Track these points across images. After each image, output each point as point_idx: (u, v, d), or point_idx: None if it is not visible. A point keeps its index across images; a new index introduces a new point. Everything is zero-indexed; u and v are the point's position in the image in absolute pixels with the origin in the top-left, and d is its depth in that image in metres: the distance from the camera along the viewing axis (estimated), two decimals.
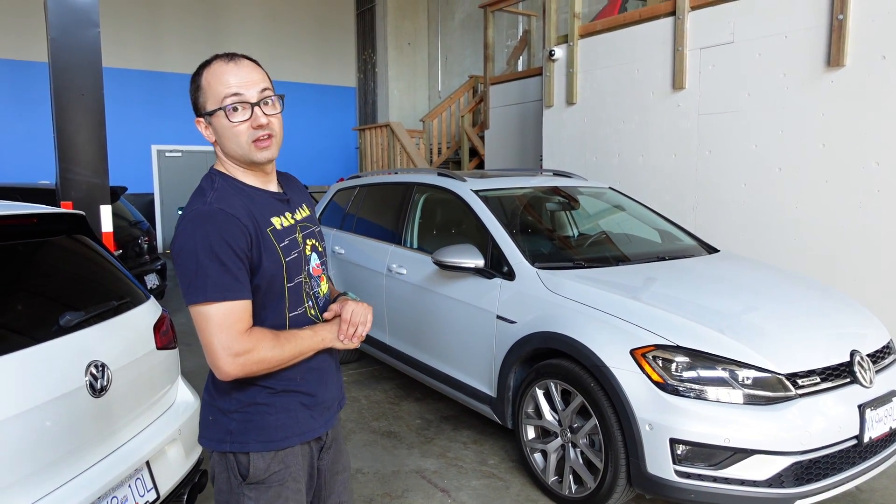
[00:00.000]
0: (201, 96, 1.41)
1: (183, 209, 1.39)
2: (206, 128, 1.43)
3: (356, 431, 3.64)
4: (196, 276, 1.29)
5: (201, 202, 1.36)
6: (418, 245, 3.92)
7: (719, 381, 2.36)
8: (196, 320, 1.32)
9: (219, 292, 1.29)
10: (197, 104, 1.42)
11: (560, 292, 2.85)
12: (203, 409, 1.49)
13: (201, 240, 1.30)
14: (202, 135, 1.45)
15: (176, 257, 1.33)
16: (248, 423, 1.41)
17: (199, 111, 1.42)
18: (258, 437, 1.41)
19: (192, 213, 1.35)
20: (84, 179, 3.57)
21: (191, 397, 2.50)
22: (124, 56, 12.48)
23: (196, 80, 1.42)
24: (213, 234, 1.30)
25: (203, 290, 1.29)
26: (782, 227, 4.48)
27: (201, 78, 1.42)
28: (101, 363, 1.94)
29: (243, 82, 1.39)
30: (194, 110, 1.43)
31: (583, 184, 4.18)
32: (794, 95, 4.37)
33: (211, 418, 1.45)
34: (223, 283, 1.30)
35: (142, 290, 2.48)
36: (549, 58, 6.15)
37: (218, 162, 1.47)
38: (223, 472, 1.43)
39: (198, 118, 1.43)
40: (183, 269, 1.32)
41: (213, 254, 1.29)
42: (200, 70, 1.43)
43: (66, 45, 3.53)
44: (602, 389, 2.54)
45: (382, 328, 4.04)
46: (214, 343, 1.30)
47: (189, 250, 1.30)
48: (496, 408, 3.12)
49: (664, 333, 2.47)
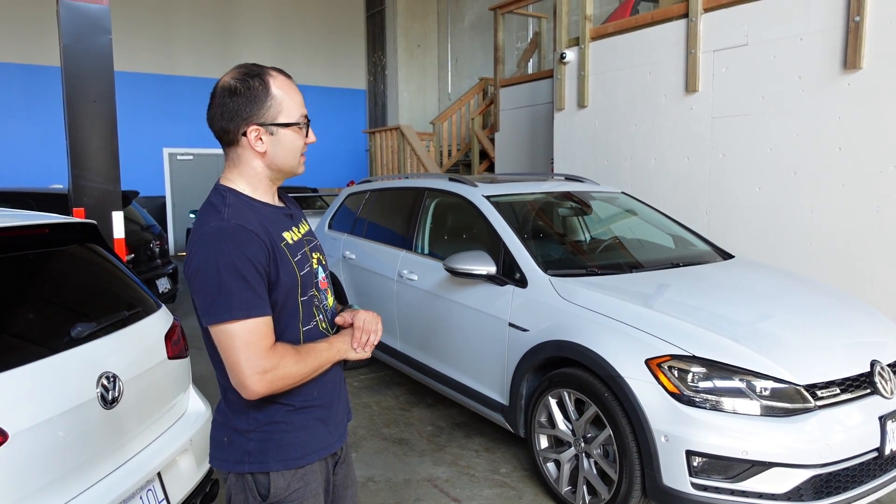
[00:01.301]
0: (274, 106, 1.36)
1: (195, 227, 1.34)
2: (259, 137, 1.36)
3: (367, 438, 3.62)
4: (219, 294, 1.26)
5: (217, 219, 1.31)
6: (429, 251, 3.89)
7: (736, 392, 2.32)
8: (220, 339, 1.28)
9: (244, 310, 1.26)
10: (259, 111, 1.34)
11: (573, 300, 2.82)
12: (216, 429, 1.45)
13: (222, 257, 1.26)
14: (252, 144, 1.36)
15: (195, 276, 1.28)
16: (267, 441, 1.38)
17: (260, 120, 1.35)
18: (278, 456, 1.38)
19: (209, 229, 1.29)
20: (96, 186, 3.59)
21: (202, 406, 2.49)
22: (136, 60, 12.57)
23: (265, 88, 1.35)
24: (234, 250, 1.27)
25: (228, 308, 1.25)
26: (797, 232, 4.42)
27: (272, 87, 1.36)
28: (112, 374, 1.93)
29: (303, 102, 1.44)
30: (240, 116, 1.34)
31: (595, 188, 4.15)
32: (810, 98, 4.31)
33: (226, 439, 1.41)
34: (247, 299, 1.26)
35: (153, 298, 2.48)
36: (561, 60, 6.11)
37: (225, 178, 1.42)
38: (241, 494, 1.40)
39: (256, 125, 1.35)
40: (203, 287, 1.27)
41: (235, 271, 1.26)
42: (265, 79, 1.37)
43: (78, 52, 3.54)
44: (616, 400, 2.50)
45: (393, 334, 4.03)
46: (242, 362, 1.26)
47: (211, 268, 1.26)
48: (508, 416, 3.09)
49: (680, 343, 2.43)
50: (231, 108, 1.34)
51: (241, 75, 1.36)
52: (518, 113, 8.39)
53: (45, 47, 10.87)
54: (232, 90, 1.34)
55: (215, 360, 1.38)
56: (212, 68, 13.28)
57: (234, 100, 1.34)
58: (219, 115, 1.35)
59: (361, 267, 4.36)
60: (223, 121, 1.35)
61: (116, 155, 3.71)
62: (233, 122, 1.34)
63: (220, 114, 1.35)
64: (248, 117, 1.34)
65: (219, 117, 1.35)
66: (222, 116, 1.35)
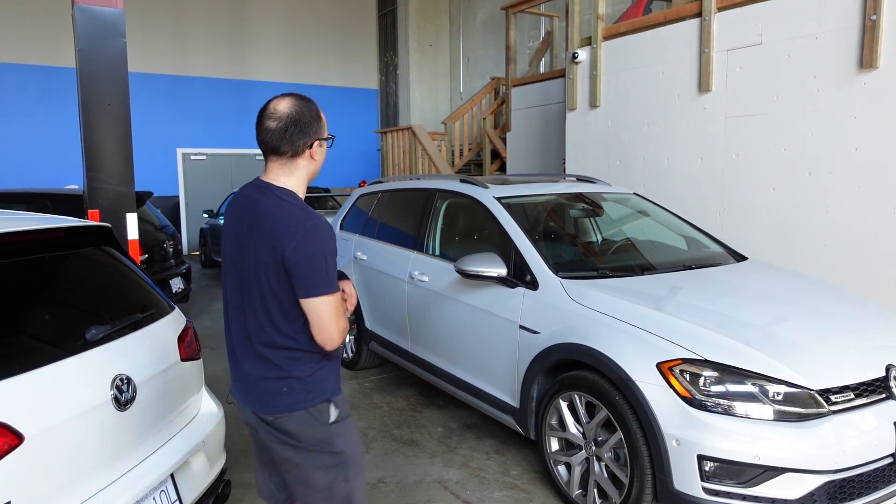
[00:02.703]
0: (322, 127, 1.81)
1: (294, 220, 1.68)
2: (316, 151, 1.80)
3: (378, 440, 3.63)
4: (326, 273, 1.67)
5: (315, 216, 1.71)
6: (440, 252, 3.90)
7: (748, 397, 2.31)
8: (318, 308, 1.68)
9: (336, 286, 1.71)
10: (318, 129, 1.78)
11: (584, 303, 2.81)
12: (272, 384, 1.76)
13: (330, 246, 1.69)
14: (313, 154, 1.79)
15: (308, 260, 1.65)
16: (322, 382, 1.79)
17: (318, 135, 1.79)
18: (328, 389, 1.80)
19: (321, 224, 1.70)
20: (110, 188, 3.62)
21: (214, 407, 2.51)
22: (150, 60, 12.68)
23: (316, 111, 1.79)
24: (334, 242, 1.71)
25: (332, 284, 1.69)
26: (812, 234, 4.38)
27: (319, 111, 1.81)
28: (126, 377, 1.96)
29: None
30: (312, 135, 1.76)
31: (607, 189, 4.13)
32: (825, 98, 4.27)
33: (285, 389, 1.76)
34: (336, 278, 1.72)
35: (166, 300, 2.50)
36: (573, 60, 6.09)
37: (281, 182, 1.78)
38: (309, 425, 1.77)
39: (318, 141, 1.79)
40: (314, 269, 1.66)
41: (334, 257, 1.72)
42: (315, 105, 1.81)
43: (93, 55, 3.58)
44: (628, 403, 2.49)
45: (404, 335, 4.04)
46: (335, 324, 1.70)
47: (324, 253, 1.68)
48: (519, 418, 3.09)
49: (691, 346, 2.42)
50: (303, 128, 1.73)
51: (301, 102, 1.77)
52: (530, 112, 8.37)
53: (62, 49, 11.01)
54: (301, 113, 1.74)
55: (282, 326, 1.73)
56: (225, 69, 13.37)
57: (304, 121, 1.73)
58: (292, 133, 1.72)
59: (372, 268, 4.38)
60: (297, 138, 1.73)
61: (131, 157, 3.75)
62: (306, 137, 1.74)
63: (295, 132, 1.72)
64: (315, 133, 1.77)
65: (291, 136, 1.72)
66: (295, 134, 1.72)
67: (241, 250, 1.77)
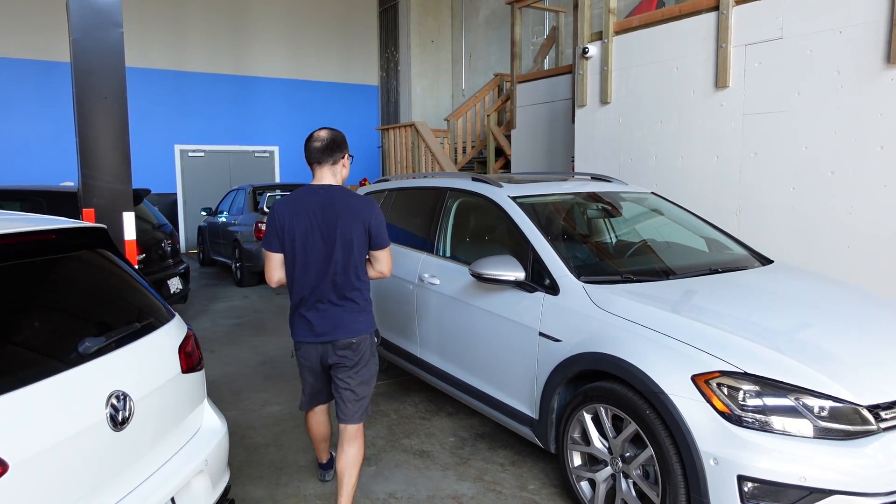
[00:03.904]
0: (347, 146, 2.74)
1: (368, 202, 2.66)
2: (347, 161, 2.73)
3: (387, 450, 3.47)
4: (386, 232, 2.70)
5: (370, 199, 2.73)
6: (451, 254, 3.74)
7: (792, 412, 2.15)
8: (387, 253, 2.73)
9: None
10: (346, 147, 2.72)
11: (610, 309, 2.65)
12: (356, 313, 2.65)
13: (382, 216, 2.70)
14: (345, 164, 2.73)
15: (382, 224, 2.66)
16: (372, 314, 2.74)
17: (348, 152, 2.73)
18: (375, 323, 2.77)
19: (377, 203, 2.76)
20: (107, 186, 3.45)
21: (217, 422, 2.34)
22: (147, 56, 12.48)
23: (343, 137, 2.73)
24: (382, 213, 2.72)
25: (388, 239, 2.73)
26: (834, 236, 4.23)
27: (345, 137, 2.75)
28: (122, 393, 1.79)
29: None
30: (344, 151, 2.70)
31: (624, 189, 3.97)
32: (850, 94, 4.11)
33: (362, 318, 2.67)
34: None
35: (165, 307, 2.33)
36: (583, 55, 5.92)
37: (336, 181, 2.72)
38: (371, 345, 2.71)
39: (348, 155, 2.73)
40: (384, 229, 2.69)
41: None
42: (341, 133, 2.74)
43: (88, 47, 3.40)
44: (659, 418, 2.34)
45: (413, 339, 3.87)
46: (391, 262, 2.76)
47: (384, 221, 2.69)
48: (538, 430, 2.93)
49: (729, 358, 2.26)
50: (339, 145, 2.69)
51: (334, 131, 2.73)
52: (535, 109, 8.21)
53: (57, 42, 10.80)
54: (335, 137, 2.69)
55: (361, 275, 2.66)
56: (224, 64, 13.18)
57: (338, 140, 2.69)
58: (332, 149, 2.66)
59: None
60: (335, 151, 2.67)
61: (128, 153, 3.57)
62: (341, 152, 2.69)
63: (334, 148, 2.67)
64: (345, 150, 2.72)
65: (332, 150, 2.66)
66: (335, 150, 2.67)
67: (329, 229, 2.56)
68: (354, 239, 2.56)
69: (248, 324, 6.64)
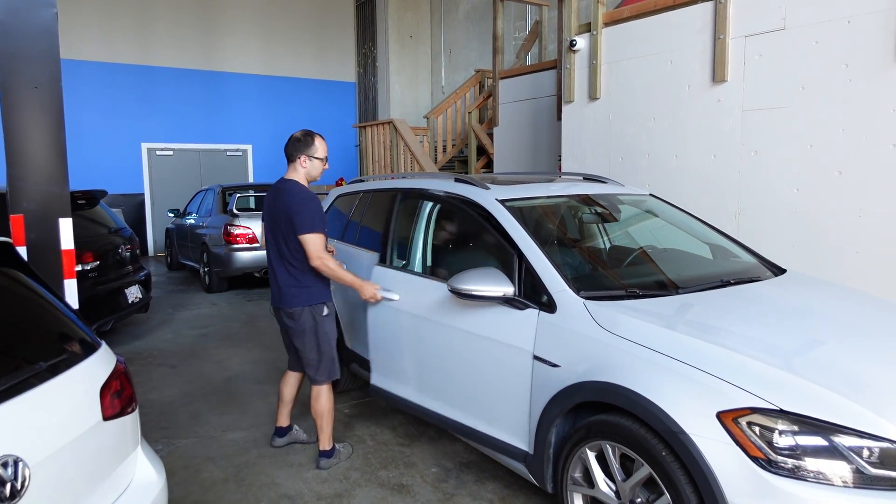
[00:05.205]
0: (316, 150, 3.18)
1: (295, 193, 3.09)
2: (304, 162, 3.17)
3: (361, 485, 3.09)
4: (308, 221, 3.03)
5: (307, 189, 3.17)
6: (425, 267, 3.36)
7: (837, 456, 1.82)
8: (306, 240, 3.04)
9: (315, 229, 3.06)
10: (307, 150, 3.16)
11: (616, 331, 2.30)
12: (290, 287, 3.13)
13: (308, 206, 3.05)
14: (301, 165, 3.17)
15: (301, 206, 3.03)
16: (317, 288, 3.17)
17: (307, 153, 3.16)
18: (321, 296, 3.18)
19: (309, 192, 3.13)
20: (38, 188, 3.02)
21: (153, 474, 1.94)
22: (112, 49, 11.91)
23: (311, 140, 3.18)
24: (312, 204, 3.06)
25: (310, 227, 3.03)
26: (842, 239, 3.94)
27: (315, 140, 3.19)
28: (13, 458, 1.39)
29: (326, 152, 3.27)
30: (300, 151, 3.16)
31: (620, 190, 3.64)
32: (859, 89, 3.83)
33: (298, 292, 3.13)
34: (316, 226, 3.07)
35: (90, 336, 1.93)
36: (570, 48, 5.59)
37: (296, 177, 3.19)
38: (310, 319, 3.15)
39: (304, 156, 3.16)
40: (304, 215, 3.03)
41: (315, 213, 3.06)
42: (314, 136, 3.19)
43: (15, 29, 2.96)
44: (678, 461, 2.00)
45: (371, 364, 3.47)
46: (313, 250, 3.05)
47: (305, 209, 3.03)
48: (533, 467, 2.57)
49: (761, 392, 1.92)
50: (295, 146, 3.18)
51: (304, 132, 3.22)
52: (519, 106, 7.88)
53: None
54: (298, 137, 3.19)
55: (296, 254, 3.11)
56: (193, 59, 12.64)
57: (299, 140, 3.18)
58: (293, 147, 3.18)
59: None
60: (292, 150, 3.18)
61: (63, 151, 3.14)
62: (298, 151, 3.18)
63: (291, 147, 3.19)
64: (302, 152, 3.17)
65: (293, 149, 3.18)
66: (294, 149, 3.18)
67: (271, 214, 3.14)
68: (282, 223, 3.08)
69: (214, 334, 6.20)
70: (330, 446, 3.29)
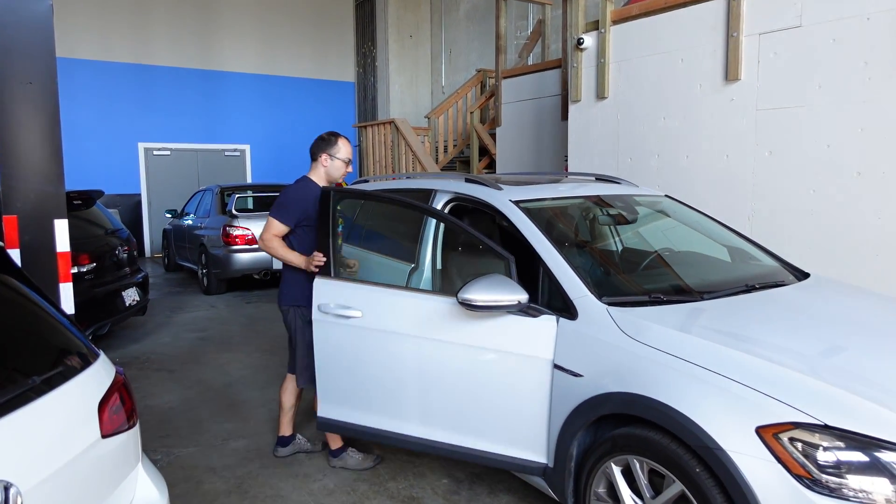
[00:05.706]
0: (338, 150, 3.25)
1: (290, 186, 3.26)
2: (326, 160, 3.24)
3: (370, 497, 2.97)
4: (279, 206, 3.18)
5: (306, 186, 3.23)
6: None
7: (887, 475, 1.71)
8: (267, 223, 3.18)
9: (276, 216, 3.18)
10: (329, 149, 3.24)
11: (643, 339, 2.19)
12: (282, 286, 3.24)
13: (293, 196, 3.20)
14: (322, 164, 3.25)
15: (281, 195, 3.23)
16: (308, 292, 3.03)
17: (329, 152, 3.23)
18: (303, 300, 3.11)
19: (301, 187, 3.24)
20: (32, 188, 2.89)
21: (154, 493, 1.82)
22: (109, 48, 11.76)
23: (335, 140, 3.26)
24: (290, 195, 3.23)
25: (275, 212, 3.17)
26: (861, 242, 3.84)
27: (339, 141, 3.27)
28: (3, 484, 1.27)
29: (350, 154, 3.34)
30: (323, 150, 3.24)
31: (635, 191, 3.53)
32: (878, 87, 3.73)
33: (286, 291, 3.21)
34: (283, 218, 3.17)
35: (88, 346, 1.81)
36: (577, 46, 5.48)
37: (315, 176, 3.29)
38: (294, 319, 3.20)
39: (326, 154, 3.23)
40: (276, 201, 3.19)
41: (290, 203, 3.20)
42: (338, 137, 3.27)
43: (7, 21, 2.83)
44: (714, 478, 1.88)
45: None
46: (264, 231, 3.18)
47: (285, 197, 3.20)
48: (553, 481, 2.46)
49: (803, 406, 1.81)
50: (314, 147, 3.28)
51: (329, 133, 3.31)
52: (521, 106, 7.78)
53: None
54: (321, 137, 3.31)
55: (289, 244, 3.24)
56: (191, 58, 12.50)
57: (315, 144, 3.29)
58: (313, 148, 3.28)
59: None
60: (317, 150, 3.26)
61: (59, 150, 3.01)
62: (319, 151, 3.26)
63: (314, 148, 3.28)
64: (322, 152, 3.25)
65: (314, 149, 3.27)
66: (315, 149, 3.27)
67: None
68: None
69: (213, 338, 6.06)
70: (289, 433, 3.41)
